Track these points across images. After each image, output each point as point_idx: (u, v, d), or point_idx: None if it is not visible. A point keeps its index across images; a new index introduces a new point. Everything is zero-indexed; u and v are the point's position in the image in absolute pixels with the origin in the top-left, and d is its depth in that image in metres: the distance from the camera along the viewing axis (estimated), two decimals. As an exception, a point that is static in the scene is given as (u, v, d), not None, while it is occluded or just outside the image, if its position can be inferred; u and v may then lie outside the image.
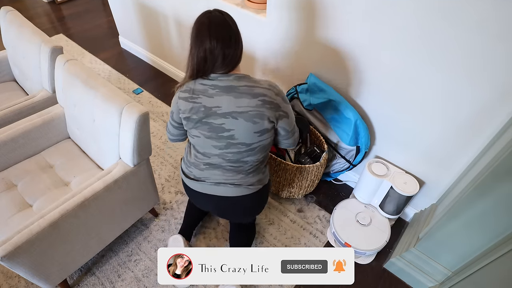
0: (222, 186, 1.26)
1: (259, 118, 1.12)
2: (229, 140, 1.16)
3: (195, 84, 1.15)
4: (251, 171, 1.26)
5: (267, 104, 1.11)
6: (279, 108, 1.14)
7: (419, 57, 1.31)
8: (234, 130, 1.14)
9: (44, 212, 1.21)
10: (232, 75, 1.13)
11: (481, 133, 1.32)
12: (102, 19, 3.57)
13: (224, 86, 1.12)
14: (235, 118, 1.12)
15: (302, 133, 1.87)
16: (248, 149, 1.19)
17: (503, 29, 1.08)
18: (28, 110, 1.72)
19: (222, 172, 1.25)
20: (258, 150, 1.21)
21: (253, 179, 1.28)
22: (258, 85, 1.13)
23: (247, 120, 1.12)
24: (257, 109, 1.11)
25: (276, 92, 1.14)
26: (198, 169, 1.27)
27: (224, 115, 1.12)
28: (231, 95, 1.11)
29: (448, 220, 1.30)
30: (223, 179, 1.25)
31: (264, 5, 1.77)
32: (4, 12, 1.86)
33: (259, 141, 1.18)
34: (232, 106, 1.11)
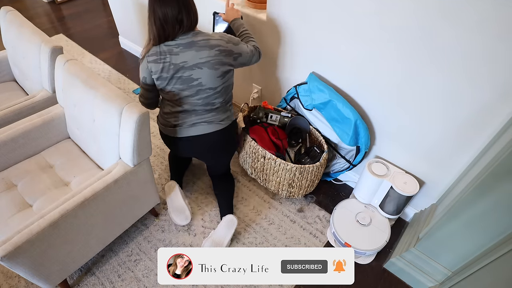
0: (197, 125, 1.48)
1: (219, 65, 1.37)
2: (199, 87, 1.39)
3: (160, 47, 1.34)
4: (219, 109, 1.50)
5: (223, 52, 1.37)
6: (232, 53, 1.40)
7: (420, 57, 1.31)
8: (201, 78, 1.37)
9: (44, 212, 1.21)
10: (190, 33, 1.35)
11: (481, 133, 1.32)
12: (102, 19, 3.58)
13: (185, 43, 1.33)
14: (200, 68, 1.35)
15: (302, 133, 1.88)
16: (215, 92, 1.43)
17: (503, 29, 1.07)
18: (28, 110, 1.72)
19: (195, 115, 1.48)
20: (223, 91, 1.46)
21: (223, 116, 1.51)
22: (212, 38, 1.37)
23: (210, 68, 1.36)
24: (216, 57, 1.35)
25: (226, 41, 1.39)
26: (174, 117, 1.49)
27: (191, 68, 1.35)
28: (193, 50, 1.33)
29: (448, 220, 1.30)
30: (197, 119, 1.48)
31: (264, 5, 1.77)
32: (4, 12, 1.86)
33: (222, 83, 1.43)
34: (196, 59, 1.34)
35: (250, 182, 2.00)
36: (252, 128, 1.83)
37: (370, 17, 1.36)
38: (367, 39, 1.43)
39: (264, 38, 1.85)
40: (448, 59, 1.24)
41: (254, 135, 1.78)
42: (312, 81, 1.70)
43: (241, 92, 2.28)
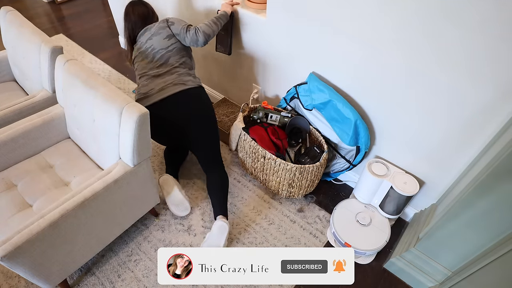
0: (165, 89, 1.63)
1: (161, 29, 1.72)
2: (153, 51, 1.70)
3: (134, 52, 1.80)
4: (180, 73, 1.69)
5: (162, 23, 1.74)
6: (168, 21, 1.74)
7: (421, 57, 1.31)
8: (153, 45, 1.71)
9: (44, 212, 1.21)
10: None
11: (482, 133, 1.32)
12: (102, 19, 3.57)
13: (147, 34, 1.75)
14: (151, 39, 1.72)
15: (302, 133, 1.88)
16: (167, 51, 1.70)
17: (505, 29, 1.07)
18: (28, 110, 1.72)
19: (161, 79, 1.66)
20: (176, 51, 1.72)
21: (186, 78, 1.69)
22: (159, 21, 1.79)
23: (156, 35, 1.72)
24: (158, 27, 1.73)
25: (168, 18, 1.76)
26: (144, 86, 1.67)
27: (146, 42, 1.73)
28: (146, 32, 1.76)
29: (448, 220, 1.30)
30: (163, 82, 1.65)
31: (264, 5, 1.77)
32: (4, 12, 1.86)
33: (171, 44, 1.71)
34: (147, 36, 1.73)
35: (250, 182, 2.00)
36: (252, 128, 1.83)
37: (371, 17, 1.36)
38: (367, 39, 1.42)
39: (264, 38, 1.85)
40: (450, 59, 1.24)
41: (254, 135, 1.78)
42: (312, 81, 1.70)
43: (241, 92, 2.29)
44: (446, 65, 1.26)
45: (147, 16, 1.82)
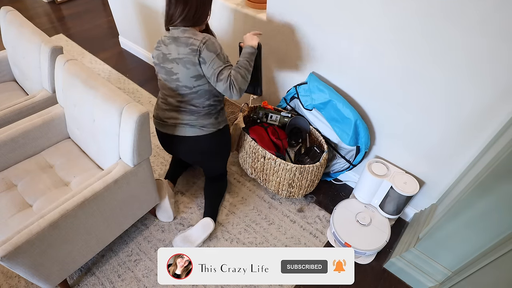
0: (179, 126, 1.49)
1: (190, 65, 1.33)
2: (177, 82, 1.39)
3: (162, 37, 1.42)
4: (202, 114, 1.47)
5: (193, 52, 1.31)
6: (200, 54, 1.31)
7: (421, 57, 1.31)
8: (178, 74, 1.37)
9: (44, 212, 1.21)
10: (180, 28, 1.35)
11: (482, 133, 1.32)
12: (102, 19, 3.57)
13: (173, 37, 1.36)
14: (177, 64, 1.36)
15: (302, 133, 1.88)
16: (191, 92, 1.40)
17: (505, 29, 1.07)
18: (28, 110, 1.72)
19: (178, 114, 1.47)
20: (201, 94, 1.41)
21: (206, 121, 1.49)
22: (194, 37, 1.32)
23: (183, 66, 1.34)
24: (188, 56, 1.32)
25: (203, 42, 1.30)
26: (161, 110, 1.51)
27: (172, 61, 1.37)
28: (175, 44, 1.35)
29: (448, 220, 1.30)
30: (180, 119, 1.48)
31: (264, 5, 1.77)
32: (4, 12, 1.86)
33: (198, 85, 1.38)
34: (175, 53, 1.35)
35: (250, 182, 2.00)
36: (252, 128, 1.83)
37: (371, 17, 1.36)
38: (367, 39, 1.42)
39: (264, 38, 1.85)
40: (450, 59, 1.24)
41: (254, 135, 1.78)
42: (312, 81, 1.70)
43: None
44: (445, 65, 1.26)
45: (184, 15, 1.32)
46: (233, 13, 1.91)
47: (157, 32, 2.56)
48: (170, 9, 1.34)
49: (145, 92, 2.61)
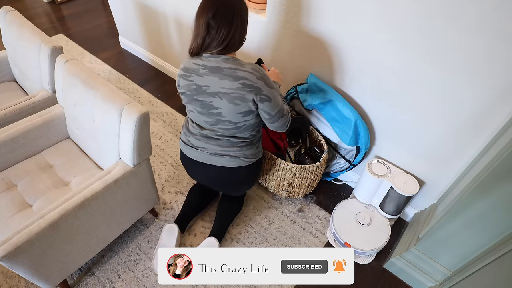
0: (219, 157, 1.34)
1: (240, 101, 1.17)
2: (218, 117, 1.24)
3: (189, 63, 1.23)
4: (244, 145, 1.34)
5: (247, 87, 1.15)
6: (260, 92, 1.17)
7: (420, 57, 1.31)
8: (221, 109, 1.21)
9: (44, 212, 1.21)
10: (220, 56, 1.18)
11: (482, 133, 1.32)
12: (102, 19, 3.57)
13: (212, 67, 1.18)
14: (220, 98, 1.19)
15: (302, 133, 1.88)
16: (235, 127, 1.26)
17: (503, 29, 1.08)
18: (28, 110, 1.72)
19: (218, 144, 1.32)
20: (245, 128, 1.28)
21: (248, 152, 1.35)
22: (241, 68, 1.16)
23: (230, 102, 1.18)
24: (238, 91, 1.16)
25: (258, 76, 1.16)
26: (195, 139, 1.35)
27: (212, 94, 1.20)
28: (217, 76, 1.17)
29: (448, 220, 1.30)
30: (220, 149, 1.33)
31: (264, 5, 1.77)
32: (4, 12, 1.86)
33: (244, 121, 1.25)
34: (217, 87, 1.18)
35: (250, 182, 2.00)
36: (252, 128, 1.82)
37: (371, 18, 1.36)
38: (367, 39, 1.42)
39: (264, 38, 1.85)
40: (449, 59, 1.24)
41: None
42: (312, 81, 1.70)
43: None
44: (444, 65, 1.26)
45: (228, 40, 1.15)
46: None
47: (157, 32, 2.56)
48: (208, 34, 1.12)
49: (145, 92, 2.62)
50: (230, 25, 1.12)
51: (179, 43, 2.45)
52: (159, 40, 2.62)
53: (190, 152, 1.39)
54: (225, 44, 1.15)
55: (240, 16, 1.14)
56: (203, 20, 1.11)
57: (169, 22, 2.37)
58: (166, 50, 2.64)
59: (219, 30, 1.12)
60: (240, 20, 1.14)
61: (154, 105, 2.50)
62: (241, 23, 1.15)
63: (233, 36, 1.15)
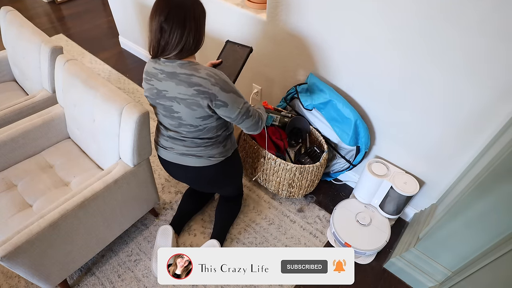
0: (186, 156, 1.34)
1: (196, 106, 1.16)
2: (179, 120, 1.24)
3: (150, 67, 1.21)
4: (209, 145, 1.32)
5: (201, 93, 1.13)
6: (215, 98, 1.14)
7: (420, 57, 1.31)
8: (180, 113, 1.21)
9: (44, 212, 1.21)
10: (176, 61, 1.14)
11: (482, 133, 1.32)
12: (102, 19, 3.57)
13: (168, 72, 1.16)
14: (178, 103, 1.18)
15: (302, 133, 1.88)
16: (196, 130, 1.25)
17: (503, 29, 1.08)
18: (28, 110, 1.72)
19: (183, 144, 1.32)
20: (208, 130, 1.26)
21: (213, 151, 1.34)
22: (196, 74, 1.13)
23: (187, 107, 1.17)
24: (193, 98, 1.14)
25: (213, 82, 1.13)
26: (164, 139, 1.36)
27: (171, 99, 1.19)
28: (174, 81, 1.15)
29: (448, 220, 1.30)
30: (186, 150, 1.33)
31: (264, 5, 1.77)
32: (4, 12, 1.86)
33: (204, 124, 1.23)
34: (174, 92, 1.17)
35: (250, 182, 2.00)
36: (252, 128, 1.82)
37: (371, 17, 1.36)
38: (367, 39, 1.42)
39: (264, 38, 1.85)
40: (449, 59, 1.24)
41: (254, 134, 1.78)
42: (312, 81, 1.70)
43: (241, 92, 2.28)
44: (444, 65, 1.26)
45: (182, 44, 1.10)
46: (232, 13, 1.91)
47: (157, 32, 2.56)
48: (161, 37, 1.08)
49: (145, 92, 2.61)
50: (183, 28, 1.07)
51: (179, 43, 2.45)
52: (159, 40, 2.62)
53: (162, 152, 1.40)
54: (179, 48, 1.10)
55: (193, 18, 1.09)
56: (155, 22, 1.07)
57: (169, 22, 2.37)
58: (166, 50, 2.64)
59: (171, 33, 1.07)
60: (194, 22, 1.09)
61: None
62: (196, 25, 1.10)
63: (187, 40, 1.10)
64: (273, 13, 1.71)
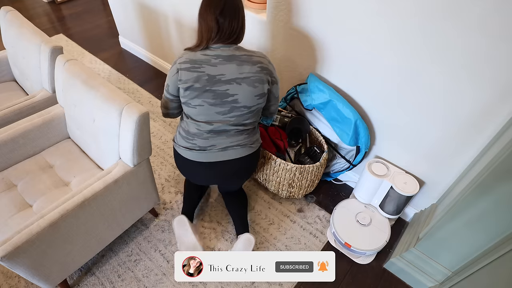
0: (229, 149, 1.37)
1: (259, 83, 1.27)
2: (233, 104, 1.28)
3: (196, 56, 1.25)
4: (250, 131, 1.40)
5: (264, 70, 1.28)
6: (272, 74, 1.32)
7: (421, 57, 1.31)
8: (237, 95, 1.27)
9: (44, 212, 1.21)
10: (232, 46, 1.27)
11: (482, 133, 1.32)
12: (102, 19, 3.57)
13: (226, 56, 1.25)
14: (238, 84, 1.25)
15: (302, 133, 1.88)
16: (248, 112, 1.32)
17: (504, 29, 1.08)
18: (28, 110, 1.72)
19: (227, 137, 1.35)
20: (256, 112, 1.36)
21: (254, 138, 1.42)
22: (254, 55, 1.29)
23: (249, 85, 1.26)
24: (257, 74, 1.26)
25: (268, 61, 1.32)
26: (202, 139, 1.35)
27: (228, 82, 1.25)
28: (234, 63, 1.24)
29: (448, 220, 1.30)
30: (229, 142, 1.36)
31: (264, 5, 1.77)
32: (4, 12, 1.86)
33: (257, 104, 1.32)
34: (235, 73, 1.24)
35: (250, 182, 2.00)
36: (252, 128, 1.82)
37: (372, 17, 1.36)
38: (367, 39, 1.42)
39: (264, 38, 1.85)
40: (449, 59, 1.24)
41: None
42: (312, 81, 1.70)
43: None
44: (445, 65, 1.26)
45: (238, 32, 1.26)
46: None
47: (157, 32, 2.56)
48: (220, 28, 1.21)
49: (145, 92, 2.61)
50: (238, 18, 1.23)
51: (179, 43, 2.45)
52: (159, 40, 2.62)
53: (196, 156, 1.37)
54: (235, 35, 1.25)
55: (242, 10, 1.26)
56: (212, 16, 1.20)
57: (169, 22, 2.37)
58: (166, 50, 2.64)
59: (230, 24, 1.22)
60: (243, 13, 1.27)
61: (154, 105, 2.50)
62: (243, 16, 1.27)
63: (241, 28, 1.27)
64: (273, 13, 1.71)
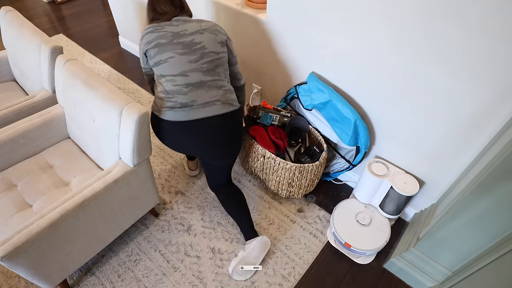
0: (211, 104, 1.37)
1: (218, 32, 1.44)
2: (202, 50, 1.38)
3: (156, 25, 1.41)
4: (227, 89, 1.44)
5: (217, 25, 1.47)
6: (224, 31, 1.49)
7: (421, 57, 1.31)
8: (203, 42, 1.38)
9: (44, 212, 1.21)
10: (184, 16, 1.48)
11: (482, 132, 1.32)
12: (102, 19, 3.57)
13: (184, 20, 1.43)
14: (201, 33, 1.40)
15: (302, 132, 1.88)
16: (217, 58, 1.41)
17: (505, 29, 1.08)
18: (28, 110, 1.72)
19: (206, 91, 1.37)
20: (224, 61, 1.44)
21: (232, 96, 1.46)
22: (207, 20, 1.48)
23: (211, 33, 1.41)
24: (214, 26, 1.45)
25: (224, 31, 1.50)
26: (182, 94, 1.35)
27: (192, 34, 1.39)
28: (193, 22, 1.43)
29: (448, 220, 1.30)
30: (209, 97, 1.37)
31: (264, 5, 1.77)
32: (4, 12, 1.86)
33: (222, 52, 1.43)
34: (196, 27, 1.41)
35: (250, 182, 2.00)
36: (252, 128, 1.83)
37: (372, 18, 1.36)
38: (368, 39, 1.42)
39: (264, 38, 1.85)
40: (450, 59, 1.24)
41: (254, 134, 1.78)
42: (312, 81, 1.70)
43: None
44: (445, 65, 1.26)
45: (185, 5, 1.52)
46: (233, 13, 1.91)
47: (157, 32, 2.56)
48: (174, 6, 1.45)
49: (145, 92, 2.62)
50: None
51: (179, 43, 2.45)
52: (159, 40, 2.62)
53: (179, 115, 1.34)
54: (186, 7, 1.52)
55: None
56: None
57: (169, 22, 2.37)
58: (166, 50, 2.64)
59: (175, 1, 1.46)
60: None
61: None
62: None
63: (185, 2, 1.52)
64: (273, 13, 1.71)
